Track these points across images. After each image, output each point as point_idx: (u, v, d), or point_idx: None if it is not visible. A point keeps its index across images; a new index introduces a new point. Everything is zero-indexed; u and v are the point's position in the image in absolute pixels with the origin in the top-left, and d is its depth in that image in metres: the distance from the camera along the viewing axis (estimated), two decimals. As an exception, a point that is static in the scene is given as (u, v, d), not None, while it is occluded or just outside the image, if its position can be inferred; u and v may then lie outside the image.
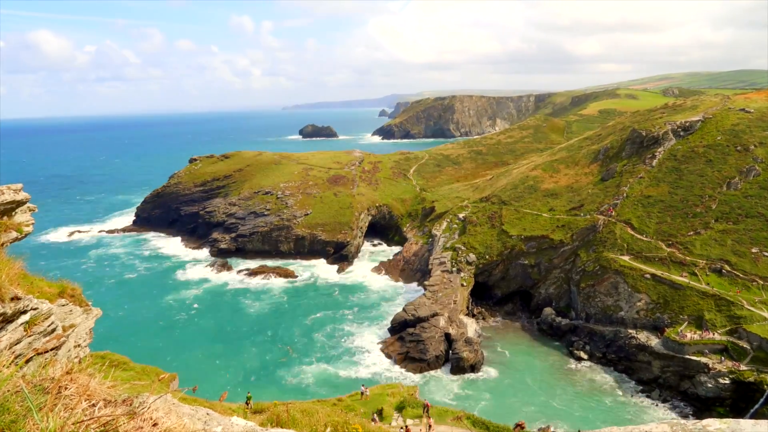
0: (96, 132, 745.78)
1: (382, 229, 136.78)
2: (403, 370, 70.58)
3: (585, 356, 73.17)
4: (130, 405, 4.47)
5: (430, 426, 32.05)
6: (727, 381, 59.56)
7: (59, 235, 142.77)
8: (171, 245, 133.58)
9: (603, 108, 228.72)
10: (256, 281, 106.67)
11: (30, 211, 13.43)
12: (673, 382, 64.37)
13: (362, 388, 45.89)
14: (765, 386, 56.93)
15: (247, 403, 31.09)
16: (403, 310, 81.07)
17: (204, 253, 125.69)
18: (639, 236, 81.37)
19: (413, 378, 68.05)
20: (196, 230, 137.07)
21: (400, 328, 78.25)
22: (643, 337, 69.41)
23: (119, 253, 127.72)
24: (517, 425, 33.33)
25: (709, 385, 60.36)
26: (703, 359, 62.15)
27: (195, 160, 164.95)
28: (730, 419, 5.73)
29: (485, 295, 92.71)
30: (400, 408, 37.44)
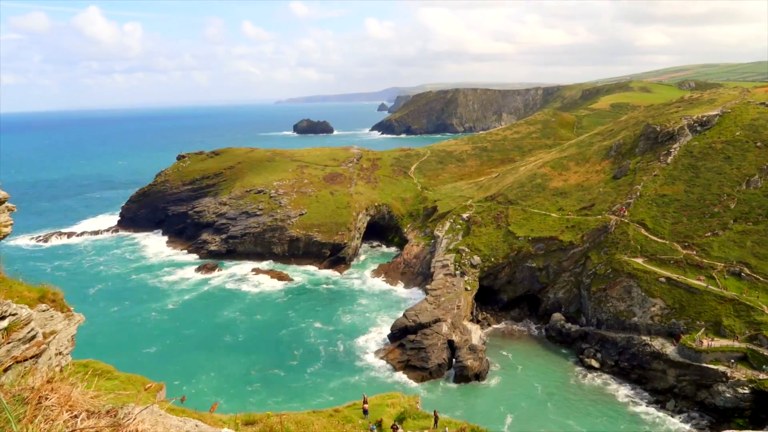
0: (92, 127, 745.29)
1: (382, 229, 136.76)
2: (403, 378, 70.59)
3: (596, 364, 73.20)
4: (115, 416, 4.47)
5: None
6: (747, 391, 59.59)
7: (39, 237, 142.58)
8: (158, 247, 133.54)
9: (615, 102, 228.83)
10: (248, 285, 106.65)
11: (8, 210, 13.41)
12: (689, 392, 64.40)
13: (364, 396, 44.55)
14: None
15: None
16: (404, 315, 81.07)
17: (193, 255, 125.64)
18: (653, 237, 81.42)
19: (414, 387, 68.04)
20: (184, 231, 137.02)
21: (400, 334, 78.25)
22: (657, 344, 69.43)
23: (103, 255, 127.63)
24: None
25: (728, 395, 60.39)
26: (721, 367, 62.17)
27: (183, 157, 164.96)
28: (750, 431, 5.74)
29: (490, 300, 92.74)
30: (400, 419, 37.40)
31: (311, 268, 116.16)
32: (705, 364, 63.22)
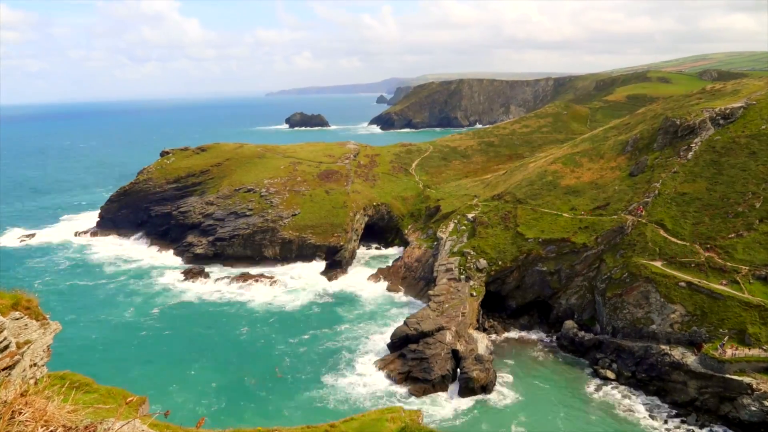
0: (82, 121, 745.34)
1: (381, 231, 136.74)
2: (404, 391, 70.60)
3: (612, 376, 73.25)
4: (94, 432, 4.46)
5: None
6: (774, 403, 59.62)
7: (11, 239, 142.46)
8: (140, 250, 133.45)
9: (631, 93, 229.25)
10: (238, 291, 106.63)
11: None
12: (712, 405, 64.44)
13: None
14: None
15: None
16: (405, 323, 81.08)
17: (177, 258, 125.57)
18: (673, 239, 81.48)
19: (416, 401, 68.05)
20: (168, 233, 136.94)
21: (400, 344, 78.26)
22: (677, 353, 69.47)
23: (81, 259, 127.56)
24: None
25: (753, 409, 60.40)
26: (747, 379, 62.21)
27: (167, 153, 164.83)
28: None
29: (498, 307, 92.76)
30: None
31: (305, 273, 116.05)
32: (729, 375, 63.23)
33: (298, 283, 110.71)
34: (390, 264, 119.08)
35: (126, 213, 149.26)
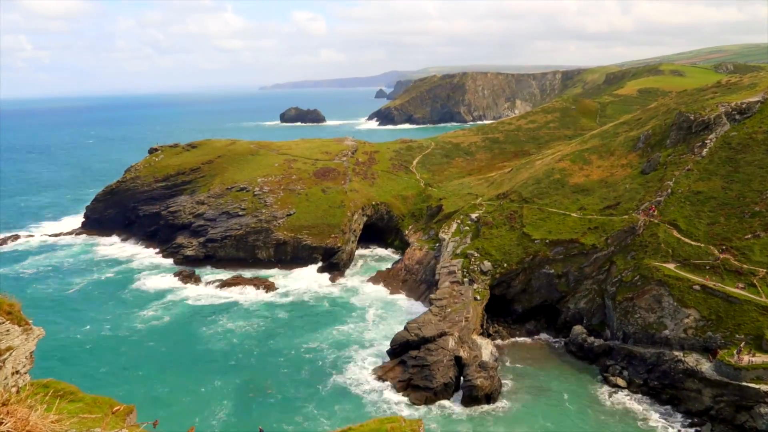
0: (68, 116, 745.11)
1: (380, 231, 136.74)
2: (405, 400, 70.59)
3: (622, 383, 73.25)
4: (79, 443, 4.45)
5: None
6: (792, 412, 59.64)
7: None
8: (127, 252, 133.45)
9: (643, 87, 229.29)
10: (230, 295, 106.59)
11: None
12: (727, 414, 64.45)
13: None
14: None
15: None
16: (405, 329, 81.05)
17: (166, 261, 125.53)
18: (686, 240, 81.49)
19: (417, 410, 68.04)
20: (157, 234, 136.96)
21: (401, 350, 78.26)
22: (691, 360, 69.48)
23: (65, 261, 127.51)
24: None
25: (771, 418, 60.42)
26: (764, 387, 62.22)
27: (156, 150, 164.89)
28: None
29: (503, 311, 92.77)
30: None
31: (300, 276, 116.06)
32: (745, 383, 63.23)
33: (293, 287, 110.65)
34: (390, 266, 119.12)
35: (113, 213, 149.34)
